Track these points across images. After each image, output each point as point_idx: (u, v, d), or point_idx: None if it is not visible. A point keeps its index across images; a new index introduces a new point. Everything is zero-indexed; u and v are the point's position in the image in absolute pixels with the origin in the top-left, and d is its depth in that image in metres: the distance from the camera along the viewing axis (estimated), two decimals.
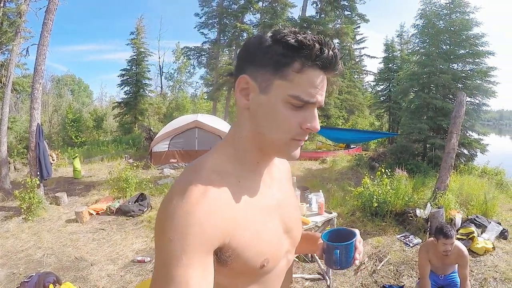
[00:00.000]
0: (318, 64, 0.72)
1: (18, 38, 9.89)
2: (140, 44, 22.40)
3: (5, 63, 10.09)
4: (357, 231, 0.98)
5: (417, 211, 5.54)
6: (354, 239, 0.94)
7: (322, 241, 0.97)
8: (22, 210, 6.52)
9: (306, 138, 0.81)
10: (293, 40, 0.69)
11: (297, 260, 4.29)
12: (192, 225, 0.64)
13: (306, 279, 3.76)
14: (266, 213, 0.83)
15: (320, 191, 3.44)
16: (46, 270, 3.91)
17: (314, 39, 0.71)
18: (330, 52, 0.72)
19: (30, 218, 6.43)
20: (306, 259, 4.20)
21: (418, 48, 13.83)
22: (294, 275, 3.73)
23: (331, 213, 3.33)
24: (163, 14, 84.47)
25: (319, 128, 0.78)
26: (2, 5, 10.38)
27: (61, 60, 78.38)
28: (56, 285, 3.40)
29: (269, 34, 0.73)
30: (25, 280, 3.35)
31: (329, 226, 3.42)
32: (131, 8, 78.32)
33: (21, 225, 6.27)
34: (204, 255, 0.65)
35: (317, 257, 3.47)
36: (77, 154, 12.09)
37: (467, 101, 10.18)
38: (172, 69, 37.88)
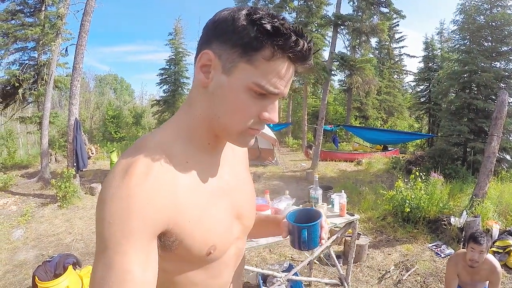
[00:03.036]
0: (291, 55, 0.67)
1: (58, 39, 10.47)
2: (178, 45, 22.91)
3: (47, 62, 10.67)
4: (322, 211, 0.95)
5: (452, 219, 5.24)
6: (320, 219, 0.91)
7: (288, 222, 0.94)
8: (58, 198, 6.90)
9: (263, 128, 0.76)
10: (269, 25, 0.64)
11: (319, 263, 4.20)
12: (133, 208, 0.60)
13: (325, 284, 3.65)
14: (214, 197, 0.78)
15: (343, 191, 3.31)
16: (67, 252, 4.07)
17: (291, 28, 0.66)
18: (306, 45, 0.67)
19: (64, 205, 6.83)
20: (328, 263, 4.09)
21: (458, 45, 13.22)
22: (311, 279, 3.63)
23: (353, 215, 3.20)
24: (200, 15, 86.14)
25: (277, 120, 0.73)
26: (43, 8, 10.99)
27: (104, 60, 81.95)
28: (76, 267, 3.51)
29: (245, 12, 0.67)
30: (47, 260, 3.49)
31: (350, 229, 3.30)
32: (170, 10, 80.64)
33: (56, 211, 6.64)
34: (147, 240, 0.61)
35: (336, 262, 3.36)
36: (114, 148, 12.58)
37: (511, 102, 9.56)
38: None
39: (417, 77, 22.95)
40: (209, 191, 0.77)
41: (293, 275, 2.99)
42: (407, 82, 28.37)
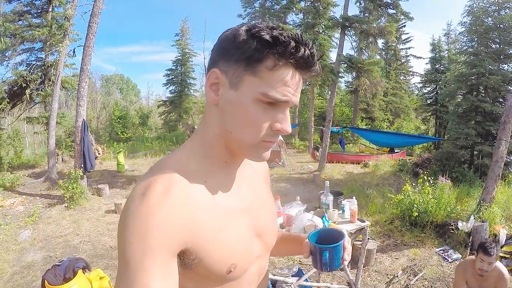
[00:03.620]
0: (292, 62, 0.68)
1: (66, 40, 10.50)
2: (184, 45, 23.07)
3: (54, 63, 10.75)
4: (345, 231, 0.94)
5: (459, 224, 5.20)
6: (342, 240, 0.90)
7: (310, 243, 0.93)
8: (65, 199, 6.93)
9: (277, 140, 0.75)
10: (267, 36, 0.66)
11: None
12: (153, 226, 0.61)
13: None
14: (233, 216, 0.79)
15: (353, 197, 3.30)
16: (77, 256, 4.07)
17: (290, 35, 0.67)
18: (307, 51, 0.68)
19: (72, 206, 6.86)
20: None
21: (466, 47, 13.19)
22: (320, 284, 3.62)
23: (364, 221, 3.19)
24: (207, 16, 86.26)
25: (289, 130, 0.73)
26: (51, 9, 11.06)
27: (110, 61, 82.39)
28: (85, 271, 3.50)
29: (244, 28, 0.69)
30: (57, 263, 3.44)
31: (361, 235, 3.28)
32: (176, 10, 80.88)
33: (63, 212, 6.67)
34: (166, 257, 0.62)
35: (345, 266, 3.35)
36: (121, 149, 12.64)
37: None
38: None
39: (424, 79, 22.84)
40: (228, 209, 0.78)
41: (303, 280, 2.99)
42: (413, 84, 28.28)
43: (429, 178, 6.11)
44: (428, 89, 22.29)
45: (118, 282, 0.61)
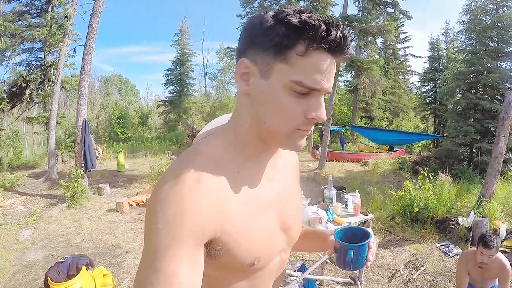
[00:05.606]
0: (325, 46, 0.64)
1: (66, 39, 10.49)
2: (184, 45, 23.11)
3: (54, 63, 10.75)
4: (371, 231, 0.93)
5: (460, 219, 5.23)
6: (368, 240, 0.89)
7: (335, 240, 0.92)
8: (66, 198, 6.94)
9: (312, 128, 0.73)
10: (296, 20, 0.62)
11: (330, 262, 4.20)
12: (183, 214, 0.60)
13: (337, 283, 3.66)
14: (263, 209, 0.77)
15: (357, 191, 3.33)
16: (80, 253, 4.06)
17: (320, 19, 0.63)
18: (339, 33, 0.64)
19: (73, 206, 6.85)
20: None
21: (464, 46, 13.15)
22: (324, 277, 3.64)
23: (367, 214, 3.21)
24: (206, 16, 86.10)
25: (325, 117, 0.70)
26: (50, 9, 11.06)
27: (108, 61, 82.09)
28: (89, 268, 3.48)
29: (271, 13, 0.66)
30: (60, 261, 3.40)
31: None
32: (175, 10, 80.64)
33: (64, 212, 6.66)
34: (194, 246, 0.61)
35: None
36: (121, 149, 12.65)
37: None
38: (216, 69, 39.09)
39: (422, 78, 22.83)
40: (258, 202, 0.77)
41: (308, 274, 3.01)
42: (412, 83, 28.29)
43: (429, 174, 6.13)
44: (427, 87, 22.26)
45: (143, 269, 0.60)
